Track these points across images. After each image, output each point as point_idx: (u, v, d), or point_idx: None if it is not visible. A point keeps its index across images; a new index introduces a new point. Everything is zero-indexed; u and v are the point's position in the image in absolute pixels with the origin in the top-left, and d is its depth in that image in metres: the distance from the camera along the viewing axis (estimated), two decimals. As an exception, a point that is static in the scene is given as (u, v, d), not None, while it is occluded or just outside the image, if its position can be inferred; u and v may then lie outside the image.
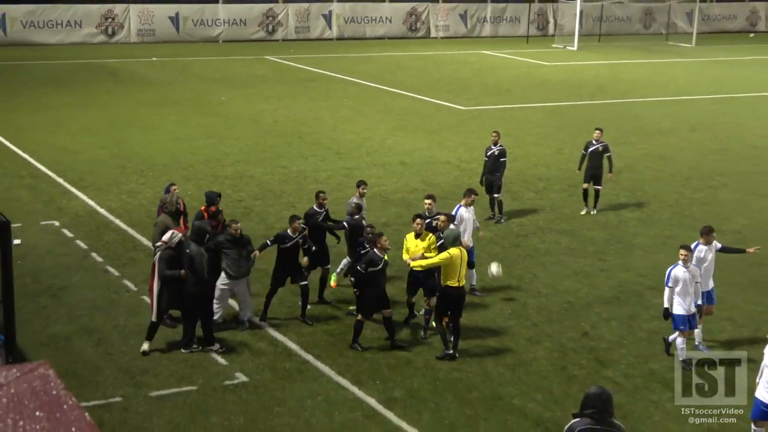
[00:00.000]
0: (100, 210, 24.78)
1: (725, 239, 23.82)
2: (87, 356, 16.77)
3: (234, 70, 49.02)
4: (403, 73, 49.22)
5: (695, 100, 43.75)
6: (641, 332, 18.38)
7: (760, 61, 57.53)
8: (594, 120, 37.73)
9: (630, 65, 54.70)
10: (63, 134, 33.00)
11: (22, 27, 55.19)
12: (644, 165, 31.01)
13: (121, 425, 14.50)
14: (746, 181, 29.29)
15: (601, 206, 25.46)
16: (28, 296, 18.48)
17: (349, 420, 14.86)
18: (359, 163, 30.28)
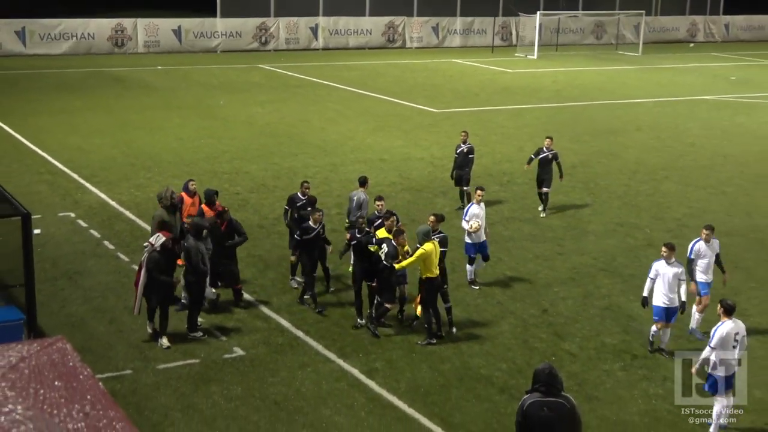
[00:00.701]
0: (112, 203, 24.74)
1: (667, 226, 24.05)
2: (100, 334, 16.79)
3: (231, 77, 48.88)
4: (382, 79, 49.17)
5: (641, 103, 43.86)
6: (594, 309, 18.49)
7: (699, 68, 57.76)
8: (552, 121, 37.95)
9: (583, 72, 54.77)
10: (77, 135, 32.88)
11: (39, 39, 54.88)
12: (596, 161, 31.10)
13: (131, 394, 14.52)
14: (685, 175, 29.43)
15: (559, 198, 25.47)
16: (47, 280, 18.48)
17: (335, 389, 14.95)
18: (343, 159, 30.28)
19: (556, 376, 10.64)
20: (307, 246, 17.51)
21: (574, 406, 10.58)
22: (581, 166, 30.08)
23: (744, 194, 27.35)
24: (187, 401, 14.43)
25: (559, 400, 10.52)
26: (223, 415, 14.05)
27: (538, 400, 10.58)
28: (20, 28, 54.80)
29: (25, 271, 14.92)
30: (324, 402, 14.51)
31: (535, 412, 10.49)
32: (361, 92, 44.59)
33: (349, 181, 27.09)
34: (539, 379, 10.63)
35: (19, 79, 45.81)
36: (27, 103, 38.82)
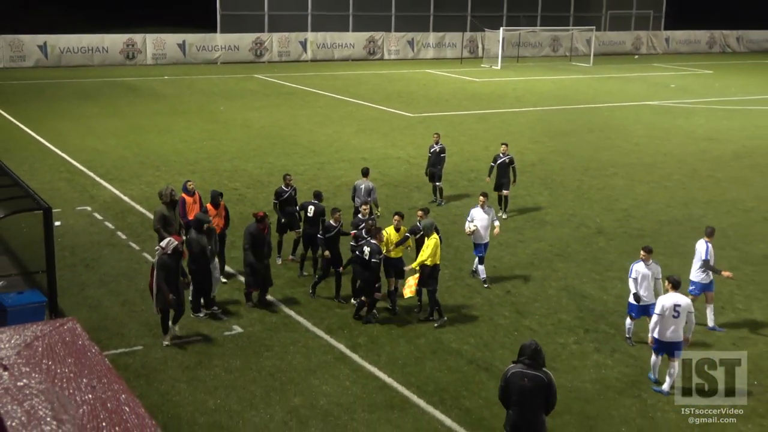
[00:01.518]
0: (124, 198, 24.65)
1: (615, 216, 24.15)
2: (114, 314, 16.76)
3: (229, 85, 48.75)
4: (364, 87, 49.13)
5: (592, 108, 44.00)
6: (551, 290, 18.57)
7: (643, 77, 57.93)
8: (513, 124, 38.05)
9: (541, 81, 54.87)
10: (93, 137, 32.75)
11: (60, 52, 54.63)
12: (552, 159, 31.17)
13: (142, 368, 14.52)
14: (631, 171, 29.52)
15: (520, 192, 25.53)
16: (67, 267, 18.42)
17: (323, 361, 14.99)
18: (329, 158, 30.26)
19: (539, 352, 10.81)
20: (330, 242, 17.28)
21: (551, 381, 10.76)
22: (539, 164, 30.17)
23: (681, 188, 27.49)
24: (192, 373, 14.43)
25: (539, 373, 10.70)
26: (223, 385, 14.04)
27: (520, 370, 10.79)
28: (42, 43, 54.58)
29: (46, 259, 14.87)
30: (313, 373, 14.54)
31: (516, 381, 10.75)
32: (345, 99, 44.53)
33: (335, 177, 27.15)
34: (524, 352, 10.84)
35: (42, 88, 45.61)
36: (49, 110, 38.69)
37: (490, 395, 13.99)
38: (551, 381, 10.77)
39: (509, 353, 15.42)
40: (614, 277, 19.30)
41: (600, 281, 19.17)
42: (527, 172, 28.78)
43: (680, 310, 13.87)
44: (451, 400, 13.78)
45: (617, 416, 13.43)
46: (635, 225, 23.44)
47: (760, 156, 32.47)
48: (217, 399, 13.60)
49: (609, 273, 19.65)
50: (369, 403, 13.63)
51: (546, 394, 10.71)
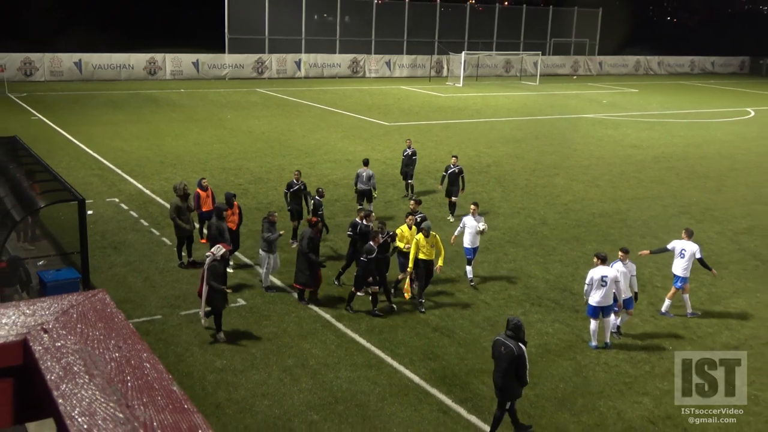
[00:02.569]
0: (146, 191, 24.52)
1: (557, 209, 24.26)
2: (138, 288, 16.69)
3: (235, 98, 48.53)
4: (348, 100, 49.05)
5: (538, 119, 44.16)
6: (503, 270, 18.66)
7: (580, 94, 58.22)
8: (473, 132, 38.08)
9: (496, 96, 54.99)
10: (120, 140, 32.53)
11: (92, 68, 54.19)
12: (505, 161, 31.26)
13: (161, 333, 14.47)
14: (570, 172, 29.66)
15: (477, 189, 25.63)
16: (98, 249, 18.31)
17: (313, 328, 15.00)
18: (319, 159, 30.20)
19: (520, 327, 11.05)
20: (368, 263, 15.68)
21: (522, 355, 10.91)
22: (494, 166, 30.25)
23: (611, 186, 27.65)
24: (203, 338, 14.41)
25: (512, 345, 10.89)
26: (229, 348, 14.03)
27: (501, 339, 11.13)
28: (78, 60, 54.07)
29: (80, 242, 14.79)
30: (304, 338, 14.56)
31: (497, 347, 11.12)
32: (332, 110, 44.45)
33: (323, 175, 27.07)
34: (509, 326, 11.15)
35: (77, 99, 45.21)
36: (82, 117, 38.38)
37: (452, 357, 14.10)
38: (522, 354, 10.88)
39: (468, 323, 15.57)
40: (555, 260, 19.46)
41: (543, 263, 19.30)
42: (483, 172, 28.90)
43: (607, 280, 14.24)
44: (418, 360, 13.85)
45: (556, 375, 13.54)
46: (573, 217, 23.61)
47: (675, 160, 32.76)
48: (223, 360, 13.60)
49: (551, 257, 19.80)
50: (351, 363, 13.67)
51: (516, 365, 10.85)
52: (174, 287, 16.81)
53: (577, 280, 18.12)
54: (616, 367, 13.96)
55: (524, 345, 11.06)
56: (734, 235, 22.31)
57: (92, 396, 1.18)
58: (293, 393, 12.60)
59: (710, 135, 40.32)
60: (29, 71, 52.71)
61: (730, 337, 15.40)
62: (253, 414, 11.94)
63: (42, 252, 17.29)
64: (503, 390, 11.11)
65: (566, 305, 16.69)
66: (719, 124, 45.08)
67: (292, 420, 11.82)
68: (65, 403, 1.17)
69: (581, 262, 19.31)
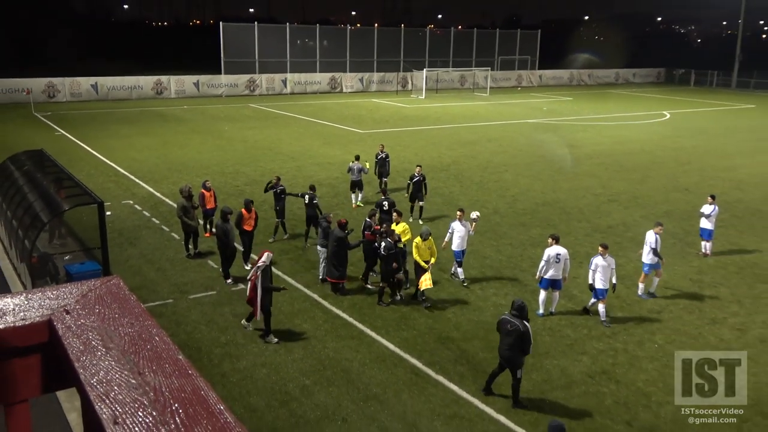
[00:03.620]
0: (156, 193, 24.26)
1: (506, 201, 24.36)
2: (151, 277, 16.54)
3: (231, 112, 48.15)
4: (328, 112, 48.88)
5: (489, 125, 44.30)
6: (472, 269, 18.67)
7: (523, 103, 58.49)
8: (434, 137, 38.11)
9: (453, 106, 55.06)
10: (133, 151, 32.16)
11: (107, 90, 53.56)
12: (462, 161, 31.32)
13: (173, 315, 14.37)
14: (517, 169, 29.80)
15: (439, 185, 25.69)
16: (116, 244, 18.11)
17: (303, 307, 14.98)
18: (304, 163, 30.07)
19: (524, 308, 11.09)
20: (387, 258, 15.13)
21: (527, 331, 10.92)
22: (453, 165, 30.30)
23: (551, 180, 27.82)
24: (209, 317, 14.33)
25: (518, 323, 10.91)
26: (231, 325, 13.97)
27: (508, 318, 11.13)
28: (94, 83, 53.39)
29: (101, 238, 14.66)
30: (296, 316, 14.53)
31: (503, 325, 11.11)
32: (315, 120, 44.26)
33: (308, 176, 26.87)
34: (514, 307, 11.18)
35: (94, 116, 44.63)
36: (100, 131, 37.88)
37: (421, 327, 14.13)
38: (527, 331, 10.91)
39: (434, 297, 15.57)
40: (506, 243, 19.54)
41: (496, 246, 19.39)
42: (444, 170, 28.95)
43: (560, 258, 14.34)
44: (393, 331, 13.87)
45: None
46: (520, 206, 23.74)
47: (604, 157, 33.02)
48: (227, 336, 13.53)
49: (503, 240, 19.90)
50: (336, 335, 13.67)
51: (522, 339, 10.88)
52: (183, 275, 16.67)
53: (525, 259, 18.26)
54: (559, 332, 14.08)
55: (528, 322, 11.04)
56: (656, 218, 22.48)
57: (108, 366, 1.17)
58: (287, 362, 12.58)
59: (633, 135, 40.71)
60: (52, 93, 51.93)
61: (654, 303, 15.55)
62: (253, 381, 11.91)
63: (68, 248, 17.10)
64: (510, 360, 11.10)
65: (516, 280, 16.79)
66: (641, 125, 45.54)
67: (287, 385, 11.80)
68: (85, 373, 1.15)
69: (528, 244, 19.47)
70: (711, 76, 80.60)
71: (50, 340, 1.26)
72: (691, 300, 15.75)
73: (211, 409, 1.04)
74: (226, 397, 11.26)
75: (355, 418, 10.86)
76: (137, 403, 1.05)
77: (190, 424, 1.01)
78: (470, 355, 12.97)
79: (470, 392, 11.63)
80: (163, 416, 1.03)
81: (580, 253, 18.10)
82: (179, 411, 1.04)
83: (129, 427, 1.01)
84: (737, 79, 77.90)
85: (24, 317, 1.30)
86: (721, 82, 79.28)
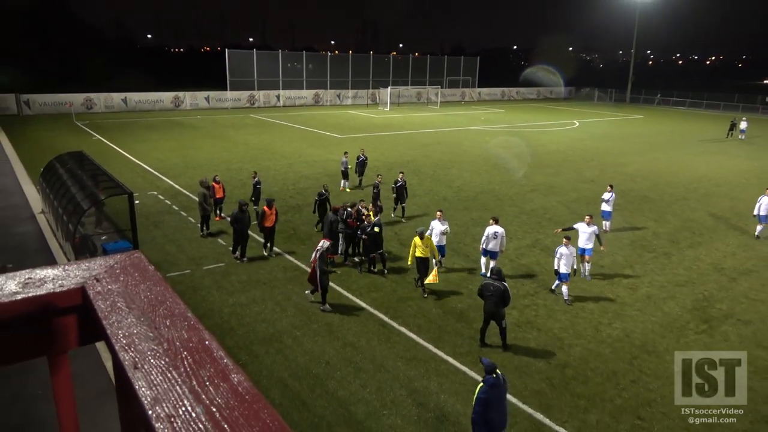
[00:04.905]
0: (176, 186, 23.82)
1: (452, 190, 24.43)
2: (173, 252, 16.26)
3: (236, 121, 47.44)
4: (313, 121, 48.45)
5: (440, 131, 44.35)
6: (419, 231, 18.73)
7: (467, 114, 58.60)
8: (397, 141, 38.00)
9: (412, 116, 54.94)
10: (157, 152, 31.52)
11: (135, 103, 52.38)
12: (419, 159, 31.26)
13: (190, 282, 14.15)
14: (461, 165, 29.89)
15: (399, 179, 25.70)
16: (143, 226, 17.76)
17: (294, 275, 14.81)
18: (294, 161, 29.78)
19: (500, 272, 11.19)
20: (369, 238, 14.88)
21: (506, 289, 10.98)
22: (411, 162, 30.22)
23: (487, 174, 27.98)
24: (219, 284, 14.15)
25: (499, 284, 10.96)
26: (237, 290, 13.82)
27: (489, 282, 11.14)
28: (124, 97, 52.16)
29: (131, 222, 14.37)
30: (289, 282, 14.41)
31: (487, 288, 11.08)
32: (303, 128, 43.82)
33: (298, 172, 26.67)
34: (493, 272, 11.25)
35: (125, 124, 43.62)
36: (129, 137, 37.04)
37: (387, 290, 14.14)
38: (507, 289, 10.97)
39: (396, 266, 15.59)
40: (453, 223, 19.46)
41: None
42: (405, 166, 28.79)
43: (497, 235, 14.45)
44: (366, 293, 13.84)
45: (456, 298, 13.70)
46: (464, 194, 23.84)
47: (529, 156, 33.27)
48: (234, 298, 13.40)
49: (450, 221, 19.67)
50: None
51: (503, 296, 10.94)
52: (198, 251, 16.41)
53: (468, 236, 18.34)
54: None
55: (505, 282, 11.06)
56: (567, 203, 22.89)
57: (130, 323, 1.15)
58: (282, 318, 12.52)
59: (551, 138, 41.11)
60: (90, 106, 50.56)
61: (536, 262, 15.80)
62: (255, 333, 11.83)
63: (105, 230, 16.74)
64: (495, 315, 11.06)
65: (461, 252, 16.89)
66: (556, 131, 46.02)
67: (282, 336, 11.75)
68: (112, 329, 1.13)
69: (470, 224, 19.56)
70: (610, 92, 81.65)
71: (83, 303, 1.24)
72: (594, 266, 16.05)
73: (214, 356, 1.03)
74: (234, 346, 11.18)
75: (335, 360, 10.88)
76: (153, 352, 1.04)
77: (196, 368, 1.00)
78: (425, 310, 13.04)
79: (426, 339, 11.71)
80: (174, 362, 1.02)
81: (509, 231, 18.31)
82: (187, 357, 1.02)
83: (146, 370, 0.99)
84: (630, 96, 79.07)
85: (62, 284, 1.27)
86: (618, 97, 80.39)
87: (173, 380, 0.96)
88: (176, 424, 0.87)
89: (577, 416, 9.38)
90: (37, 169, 23.68)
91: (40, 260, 14.55)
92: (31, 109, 48.07)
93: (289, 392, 9.80)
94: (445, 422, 9.10)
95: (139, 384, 0.95)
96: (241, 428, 0.87)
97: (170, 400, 0.92)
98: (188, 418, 0.89)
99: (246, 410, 0.90)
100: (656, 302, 13.80)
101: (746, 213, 21.62)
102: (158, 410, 0.90)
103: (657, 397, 9.88)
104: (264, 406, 0.91)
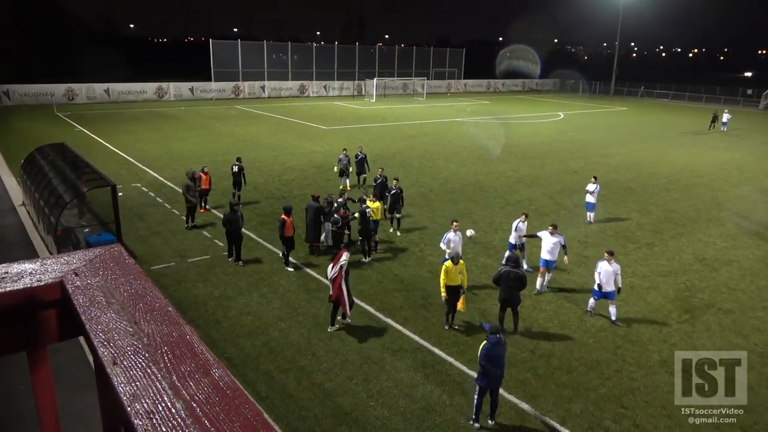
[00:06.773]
0: (160, 178, 23.57)
1: (438, 182, 24.43)
2: (157, 245, 16.12)
3: (220, 112, 46.98)
4: (299, 112, 48.15)
5: (425, 122, 44.33)
6: (405, 224, 18.62)
7: (452, 105, 58.64)
8: (383, 132, 37.92)
9: (397, 108, 54.82)
10: (141, 143, 31.13)
11: (118, 94, 51.66)
12: (405, 151, 31.21)
13: (175, 275, 14.05)
14: (447, 157, 29.90)
15: (388, 172, 25.64)
16: (126, 219, 17.56)
17: (279, 267, 14.72)
18: (281, 153, 29.59)
19: (518, 260, 11.56)
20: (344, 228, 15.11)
21: (524, 275, 11.44)
22: (398, 154, 30.17)
23: (473, 165, 28.02)
24: (204, 276, 14.06)
25: (518, 271, 11.33)
26: (223, 282, 13.75)
27: (508, 269, 11.42)
28: (107, 88, 51.42)
29: (114, 214, 14.22)
30: (274, 274, 14.36)
31: (505, 274, 11.34)
32: (288, 119, 43.54)
33: (283, 163, 26.53)
34: (510, 260, 11.58)
35: (108, 115, 43.00)
36: (112, 128, 36.53)
37: (374, 282, 14.14)
38: (524, 275, 11.42)
39: (382, 257, 15.60)
40: (439, 215, 19.60)
41: (431, 217, 19.46)
42: (391, 158, 28.85)
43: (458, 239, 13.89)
44: (352, 285, 13.80)
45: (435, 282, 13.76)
46: (449, 186, 23.87)
47: (514, 147, 33.37)
48: (219, 290, 13.33)
49: (437, 213, 19.96)
50: (306, 289, 13.59)
51: (521, 282, 11.31)
52: (182, 243, 16.29)
53: (454, 227, 18.32)
54: (470, 272, 14.29)
55: (522, 269, 11.71)
56: (552, 194, 23.03)
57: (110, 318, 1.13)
58: (268, 310, 12.48)
59: (536, 130, 41.29)
60: (71, 96, 49.79)
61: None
62: (241, 326, 11.79)
63: (87, 222, 16.54)
64: (511, 300, 11.49)
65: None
66: (541, 123, 46.23)
67: (268, 328, 11.73)
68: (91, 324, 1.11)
69: (457, 216, 19.56)
70: (594, 85, 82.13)
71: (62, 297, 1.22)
72: (579, 256, 16.19)
73: (195, 350, 1.02)
74: (219, 339, 11.13)
75: (322, 352, 10.88)
76: (133, 347, 1.02)
77: (177, 363, 0.99)
78: (411, 302, 13.08)
79: (412, 331, 11.75)
80: (154, 357, 1.00)
81: (495, 222, 18.39)
82: (168, 352, 1.01)
83: (126, 366, 0.98)
84: (614, 88, 79.59)
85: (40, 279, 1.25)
86: (602, 89, 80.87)
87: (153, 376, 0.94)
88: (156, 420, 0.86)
89: (561, 405, 9.49)
90: (17, 161, 23.31)
91: (21, 253, 14.34)
92: (11, 99, 47.23)
93: (276, 385, 9.79)
94: (431, 413, 9.16)
95: (118, 380, 0.94)
96: (222, 424, 0.86)
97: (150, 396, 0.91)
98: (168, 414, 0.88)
99: (227, 405, 0.89)
100: (639, 292, 13.97)
101: (726, 204, 21.92)
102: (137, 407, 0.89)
103: (640, 386, 10.03)
104: (245, 401, 0.90)
